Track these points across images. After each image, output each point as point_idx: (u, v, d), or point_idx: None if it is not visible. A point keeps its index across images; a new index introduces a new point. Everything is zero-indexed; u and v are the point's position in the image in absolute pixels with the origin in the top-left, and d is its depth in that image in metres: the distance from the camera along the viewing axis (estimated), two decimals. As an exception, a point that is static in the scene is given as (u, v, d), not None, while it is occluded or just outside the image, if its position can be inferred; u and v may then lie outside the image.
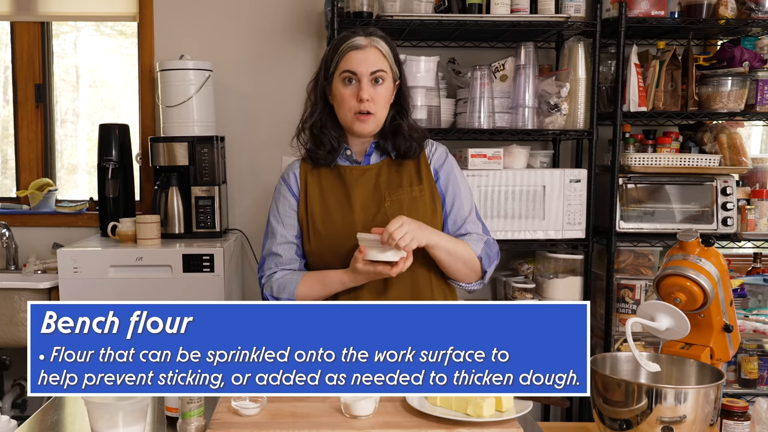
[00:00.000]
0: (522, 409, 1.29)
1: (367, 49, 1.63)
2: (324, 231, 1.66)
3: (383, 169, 1.71)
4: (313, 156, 1.70)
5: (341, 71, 1.64)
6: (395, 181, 1.69)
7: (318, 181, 1.71)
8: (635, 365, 1.36)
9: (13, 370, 3.05)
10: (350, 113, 1.64)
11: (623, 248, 2.75)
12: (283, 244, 1.70)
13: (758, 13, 2.61)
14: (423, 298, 1.68)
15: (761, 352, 2.78)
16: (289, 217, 1.71)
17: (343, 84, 1.64)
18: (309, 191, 1.70)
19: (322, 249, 1.67)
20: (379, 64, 1.63)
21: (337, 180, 1.70)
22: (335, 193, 1.69)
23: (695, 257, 1.38)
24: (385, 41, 1.67)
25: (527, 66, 2.65)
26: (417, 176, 1.71)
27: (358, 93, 1.62)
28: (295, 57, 3.08)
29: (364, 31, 1.66)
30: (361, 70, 1.62)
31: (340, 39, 1.67)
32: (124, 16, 3.13)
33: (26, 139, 3.16)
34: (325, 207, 1.68)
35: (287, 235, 1.70)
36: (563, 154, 3.09)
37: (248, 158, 3.11)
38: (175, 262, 2.58)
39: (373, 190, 1.68)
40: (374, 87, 1.63)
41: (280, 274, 1.69)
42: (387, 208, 1.66)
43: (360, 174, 1.70)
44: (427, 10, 2.63)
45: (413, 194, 1.68)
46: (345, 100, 1.64)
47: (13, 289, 2.61)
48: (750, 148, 3.02)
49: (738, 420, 1.34)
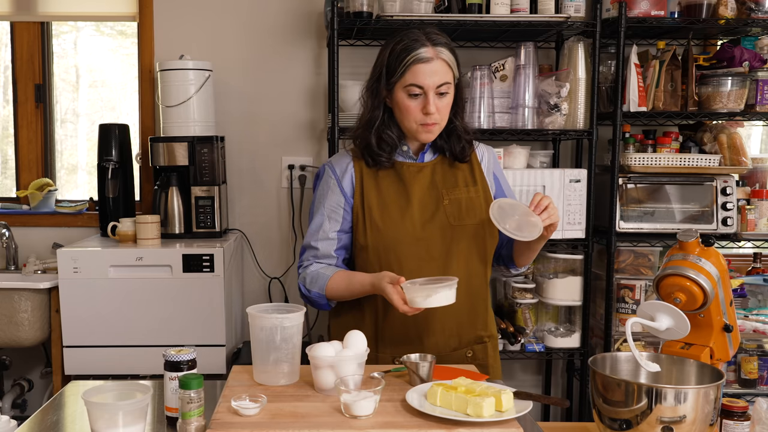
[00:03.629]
0: (522, 409, 1.29)
1: (434, 62, 1.59)
2: (382, 225, 1.65)
3: (438, 167, 1.71)
4: (377, 159, 1.67)
5: (406, 84, 1.60)
6: (451, 180, 1.70)
7: (374, 176, 1.69)
8: (635, 365, 1.36)
9: (13, 370, 3.05)
10: (415, 124, 1.63)
11: (623, 248, 2.75)
12: (323, 240, 1.70)
13: (758, 13, 2.61)
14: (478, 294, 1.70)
15: (761, 352, 2.78)
16: (336, 213, 1.70)
17: (408, 96, 1.61)
18: (365, 187, 1.68)
19: (378, 243, 1.65)
20: (445, 77, 1.60)
21: (394, 175, 1.69)
22: (393, 188, 1.68)
23: (695, 257, 1.38)
24: (448, 49, 1.62)
25: (527, 66, 2.65)
26: (471, 177, 1.72)
27: (425, 106, 1.60)
28: (295, 57, 3.08)
29: (428, 38, 1.60)
30: (427, 83, 1.58)
31: (402, 48, 1.60)
32: (124, 16, 3.13)
33: (26, 139, 3.16)
34: (382, 202, 1.67)
35: (329, 231, 1.70)
36: (563, 154, 3.09)
37: (248, 158, 3.11)
38: (175, 262, 2.58)
39: (430, 188, 1.69)
40: (440, 98, 1.61)
41: (314, 267, 1.70)
42: (446, 206, 1.67)
43: (417, 171, 1.70)
44: (427, 10, 2.63)
45: (469, 194, 1.70)
46: (410, 112, 1.62)
47: (13, 289, 2.60)
48: (750, 148, 3.02)
49: (738, 420, 1.34)
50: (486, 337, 1.75)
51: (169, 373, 1.35)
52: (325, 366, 1.38)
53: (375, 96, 1.67)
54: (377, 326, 1.69)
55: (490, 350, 1.75)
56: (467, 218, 1.67)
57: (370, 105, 1.68)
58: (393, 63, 1.61)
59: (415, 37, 1.60)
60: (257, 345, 1.45)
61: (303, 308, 1.47)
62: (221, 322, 2.61)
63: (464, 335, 1.70)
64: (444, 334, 1.68)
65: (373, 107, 1.67)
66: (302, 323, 1.47)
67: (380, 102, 1.66)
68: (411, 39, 1.60)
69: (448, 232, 1.66)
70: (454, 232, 1.66)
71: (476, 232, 1.67)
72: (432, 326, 1.66)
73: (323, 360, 1.38)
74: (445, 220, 1.66)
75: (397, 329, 1.67)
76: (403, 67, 1.59)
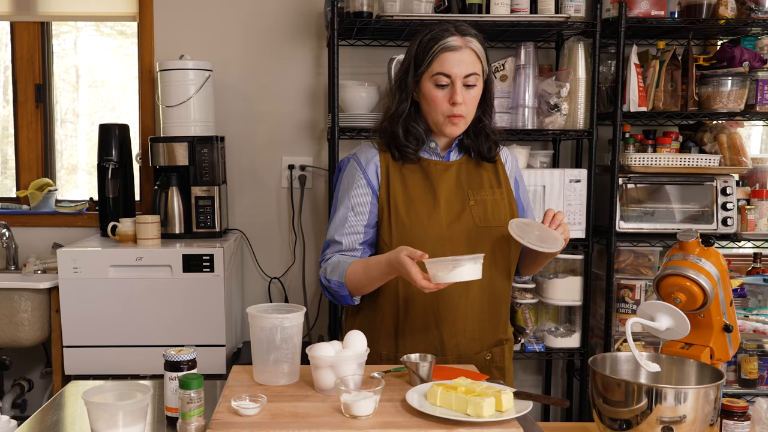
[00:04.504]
0: (522, 409, 1.29)
1: (462, 50, 1.56)
2: (408, 222, 1.61)
3: (463, 166, 1.69)
4: (404, 150, 1.64)
5: (433, 73, 1.57)
6: (476, 181, 1.68)
7: (399, 171, 1.66)
8: (635, 365, 1.36)
9: (13, 370, 3.05)
10: (442, 116, 1.59)
11: (623, 248, 2.75)
12: (349, 234, 1.65)
13: (758, 13, 2.61)
14: (500, 297, 1.68)
15: (761, 352, 2.78)
16: (362, 206, 1.65)
17: (435, 86, 1.58)
18: (391, 181, 1.64)
19: (402, 240, 1.60)
20: (474, 67, 1.57)
21: (421, 172, 1.66)
22: (419, 185, 1.65)
23: (695, 257, 1.38)
24: (478, 40, 1.59)
25: (527, 66, 2.65)
26: (496, 179, 1.70)
27: (452, 96, 1.56)
28: (295, 57, 3.08)
29: (456, 29, 1.58)
30: (455, 72, 1.56)
31: (431, 37, 1.58)
32: (124, 16, 3.13)
33: (26, 139, 3.16)
34: (408, 198, 1.63)
35: (356, 224, 1.65)
36: (563, 154, 3.09)
37: (248, 158, 3.11)
38: (175, 262, 2.58)
39: (456, 187, 1.66)
40: (467, 90, 1.58)
41: (335, 258, 1.65)
42: (472, 207, 1.64)
43: (444, 169, 1.66)
44: (427, 10, 2.63)
45: (494, 197, 1.68)
46: (437, 103, 1.58)
47: (13, 289, 2.60)
48: (750, 148, 3.02)
49: (738, 420, 1.34)
50: (505, 340, 1.73)
51: (169, 373, 1.35)
52: (325, 366, 1.37)
53: (403, 89, 1.63)
54: (397, 328, 1.65)
55: (507, 353, 1.73)
56: (492, 220, 1.64)
57: (398, 97, 1.64)
58: (421, 53, 1.59)
59: (445, 28, 1.58)
60: (257, 345, 1.44)
61: (303, 308, 1.47)
62: (221, 322, 2.61)
63: (486, 338, 1.67)
64: (466, 337, 1.64)
65: (400, 100, 1.63)
66: (302, 323, 1.47)
67: (408, 95, 1.62)
68: (440, 29, 1.58)
69: (474, 233, 1.62)
70: (480, 233, 1.63)
71: (501, 234, 1.64)
72: (454, 328, 1.63)
73: (323, 360, 1.37)
74: (471, 221, 1.63)
75: (418, 330, 1.63)
76: (430, 56, 1.56)
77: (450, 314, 1.62)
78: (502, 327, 1.72)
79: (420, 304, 1.62)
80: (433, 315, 1.62)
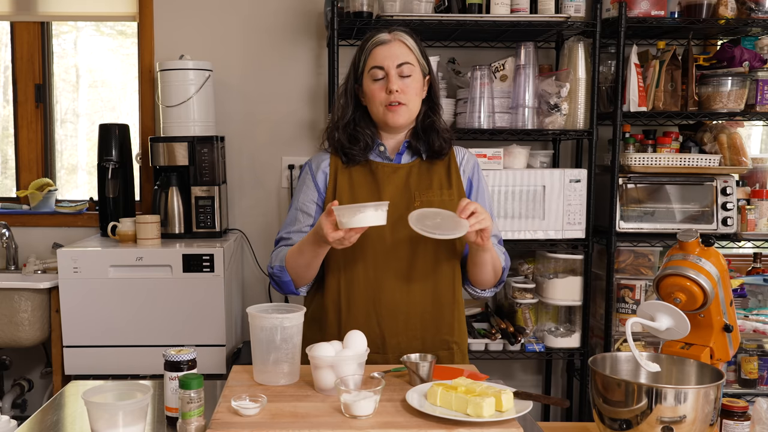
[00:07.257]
0: (522, 409, 1.29)
1: (392, 43, 1.66)
2: None
3: (414, 169, 1.72)
4: (349, 154, 1.70)
5: (369, 68, 1.67)
6: (425, 182, 1.71)
7: (348, 174, 1.72)
8: (635, 365, 1.36)
9: (13, 370, 3.05)
10: (381, 106, 1.66)
11: (623, 248, 2.75)
12: (297, 232, 1.72)
13: (758, 13, 2.62)
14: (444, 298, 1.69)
15: (761, 352, 2.78)
16: (308, 208, 1.73)
17: (372, 81, 1.66)
18: (339, 184, 1.70)
19: None
20: (405, 57, 1.66)
21: (368, 175, 1.71)
22: (365, 187, 1.70)
23: (695, 257, 1.38)
24: (409, 35, 1.70)
25: (527, 66, 2.65)
26: (447, 180, 1.72)
27: (387, 86, 1.64)
28: (295, 57, 3.08)
29: (388, 30, 1.70)
30: (387, 63, 1.65)
31: (365, 39, 1.70)
32: (124, 16, 3.13)
33: (26, 139, 3.16)
34: (353, 199, 1.67)
35: (303, 223, 1.73)
36: (563, 154, 3.09)
37: (248, 158, 3.11)
38: (175, 262, 2.58)
39: (404, 189, 1.69)
40: (402, 79, 1.65)
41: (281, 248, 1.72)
42: (416, 207, 1.65)
43: (391, 171, 1.71)
44: (427, 10, 2.63)
45: (443, 197, 1.69)
46: (375, 95, 1.66)
47: (13, 289, 2.60)
48: (750, 148, 3.02)
49: (738, 420, 1.34)
50: (453, 342, 1.72)
51: (169, 373, 1.35)
52: (325, 366, 1.38)
53: (347, 95, 1.73)
54: (340, 324, 1.68)
55: (457, 358, 1.73)
56: None
57: (342, 103, 1.73)
58: (358, 57, 1.71)
59: (378, 32, 1.71)
60: (257, 345, 1.44)
61: (303, 308, 1.47)
62: (221, 322, 2.61)
63: (428, 338, 1.69)
64: (407, 335, 1.67)
65: (344, 106, 1.73)
66: (302, 323, 1.47)
67: (351, 99, 1.72)
68: (374, 32, 1.71)
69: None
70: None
71: None
72: (396, 325, 1.66)
73: (323, 360, 1.37)
74: None
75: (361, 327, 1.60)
76: (365, 54, 1.68)
77: (390, 312, 1.65)
78: (446, 328, 1.71)
79: (362, 302, 1.66)
80: (374, 312, 1.66)
